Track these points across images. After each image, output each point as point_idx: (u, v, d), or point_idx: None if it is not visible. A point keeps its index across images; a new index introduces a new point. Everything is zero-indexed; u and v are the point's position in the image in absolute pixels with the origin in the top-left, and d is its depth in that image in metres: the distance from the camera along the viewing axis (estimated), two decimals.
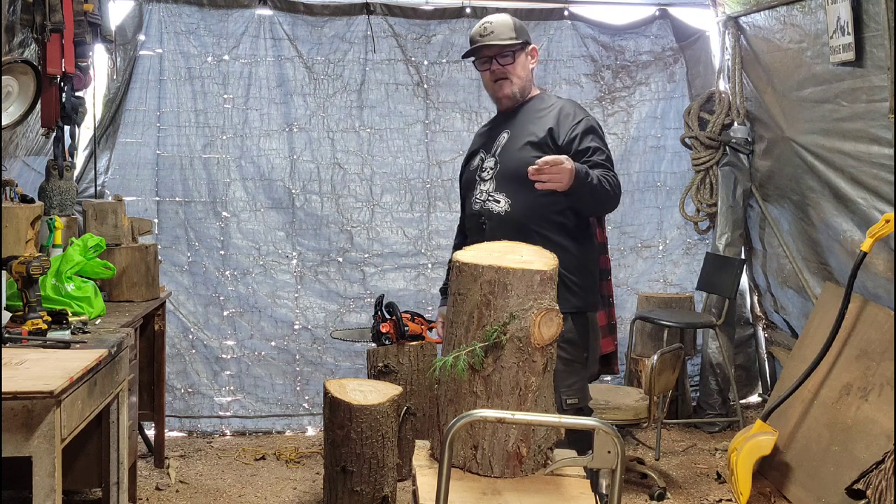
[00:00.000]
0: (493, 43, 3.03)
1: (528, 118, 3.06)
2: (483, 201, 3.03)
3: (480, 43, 3.06)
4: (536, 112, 3.07)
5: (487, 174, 3.05)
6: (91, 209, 4.10)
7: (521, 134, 3.03)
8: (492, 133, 3.16)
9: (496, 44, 3.03)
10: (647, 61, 5.53)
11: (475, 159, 3.15)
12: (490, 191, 3.02)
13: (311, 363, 5.34)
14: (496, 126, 3.17)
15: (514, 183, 2.96)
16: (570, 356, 2.93)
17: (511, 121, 3.10)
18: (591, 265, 3.08)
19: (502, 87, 3.08)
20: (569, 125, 2.97)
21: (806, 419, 4.06)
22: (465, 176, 3.23)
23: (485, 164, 3.07)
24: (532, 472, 2.40)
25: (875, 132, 3.92)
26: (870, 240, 3.74)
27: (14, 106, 3.60)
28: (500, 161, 3.03)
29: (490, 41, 3.04)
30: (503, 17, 3.10)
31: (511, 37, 3.04)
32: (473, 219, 3.09)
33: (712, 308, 5.36)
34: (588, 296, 3.03)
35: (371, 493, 3.71)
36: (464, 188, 3.23)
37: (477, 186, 3.08)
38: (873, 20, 3.77)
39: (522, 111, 3.10)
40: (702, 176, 5.44)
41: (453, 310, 2.45)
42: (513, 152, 3.01)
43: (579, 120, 2.98)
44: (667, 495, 4.23)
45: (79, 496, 3.99)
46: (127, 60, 5.02)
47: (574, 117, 2.99)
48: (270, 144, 5.29)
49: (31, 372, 2.49)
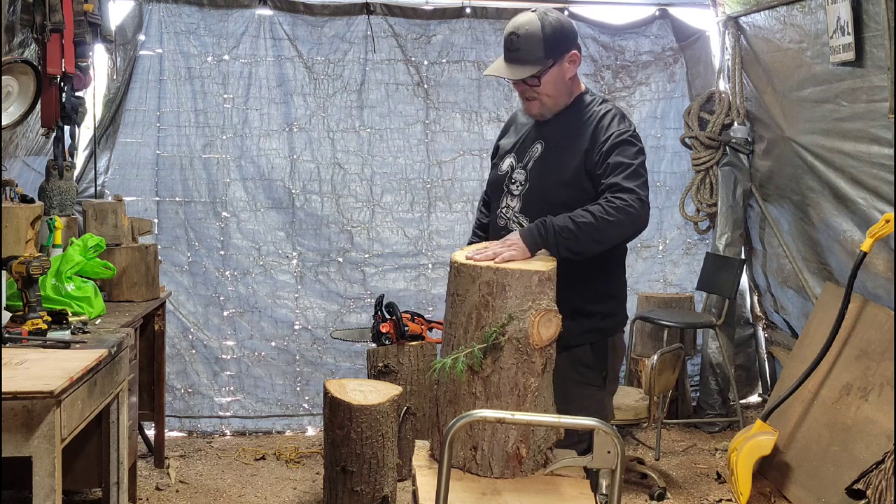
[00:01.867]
0: (510, 77, 2.78)
1: (565, 131, 2.80)
2: (508, 218, 2.84)
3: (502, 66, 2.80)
4: (574, 125, 2.79)
5: (516, 189, 2.84)
6: (91, 209, 4.10)
7: (555, 151, 2.80)
8: (525, 138, 2.90)
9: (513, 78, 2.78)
10: (647, 61, 5.53)
11: (504, 163, 2.91)
12: (516, 210, 2.83)
13: (311, 363, 5.34)
14: (531, 130, 2.90)
15: (539, 209, 2.73)
16: (586, 380, 2.79)
17: (546, 129, 2.85)
18: (617, 290, 2.90)
19: (531, 107, 2.84)
20: (598, 144, 2.70)
21: (806, 419, 4.06)
22: (493, 175, 2.99)
23: (514, 176, 2.85)
24: (532, 472, 2.40)
25: (875, 132, 3.92)
26: (870, 240, 3.73)
27: (14, 106, 3.60)
28: (530, 179, 2.81)
29: (514, 62, 2.76)
30: (534, 29, 2.71)
31: (538, 57, 2.72)
32: (497, 232, 2.87)
33: (712, 308, 5.36)
34: (610, 322, 2.85)
35: (371, 493, 3.71)
36: (490, 189, 3.02)
37: (504, 199, 2.87)
38: (873, 20, 3.77)
39: (558, 120, 2.84)
40: (702, 176, 5.44)
41: (452, 311, 2.45)
42: (544, 174, 2.79)
43: (609, 136, 2.69)
44: (667, 495, 4.23)
45: (79, 496, 3.99)
46: (127, 60, 5.02)
47: (606, 133, 2.70)
48: (270, 144, 5.29)
49: (31, 372, 2.49)
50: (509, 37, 2.75)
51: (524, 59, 2.73)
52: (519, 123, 2.99)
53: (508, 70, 2.77)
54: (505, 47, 2.78)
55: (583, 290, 2.47)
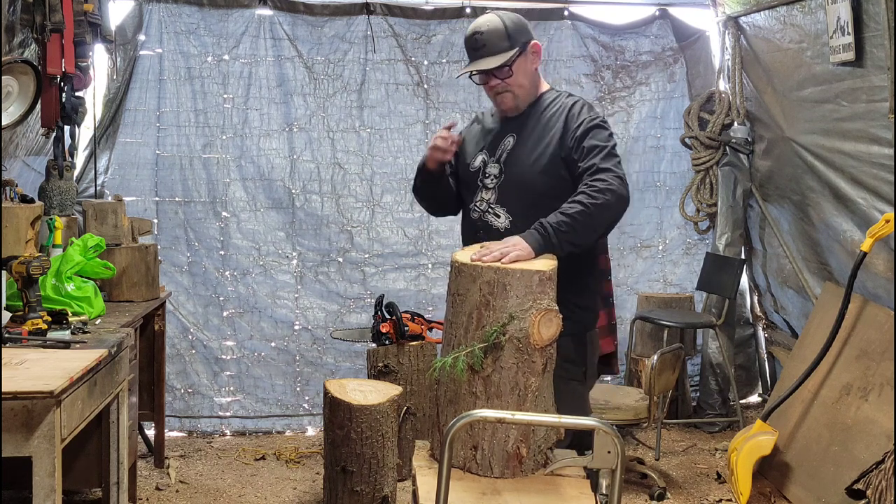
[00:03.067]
0: (484, 69, 2.86)
1: (536, 123, 2.90)
2: (483, 211, 2.89)
3: (473, 63, 2.88)
4: (544, 117, 2.90)
5: (490, 182, 2.89)
6: (91, 209, 4.10)
7: (527, 142, 2.88)
8: (496, 133, 2.98)
9: (488, 69, 2.85)
10: (647, 61, 5.53)
11: (476, 160, 2.97)
12: (491, 201, 2.87)
13: (311, 363, 5.34)
14: (500, 125, 2.99)
15: (516, 198, 2.82)
16: (570, 375, 2.82)
17: (516, 122, 2.94)
18: (592, 284, 2.96)
19: (504, 100, 2.92)
20: (570, 132, 2.80)
21: (806, 419, 4.06)
22: (462, 173, 3.03)
23: (488, 170, 2.91)
24: (532, 472, 2.40)
25: (875, 132, 3.92)
26: (870, 240, 3.73)
27: (14, 106, 3.60)
28: (505, 171, 2.87)
29: (483, 58, 2.84)
30: (494, 23, 2.85)
31: (504, 47, 2.83)
32: (472, 226, 2.95)
33: (712, 308, 5.36)
34: (587, 315, 2.91)
35: (371, 493, 3.71)
36: (461, 185, 3.05)
37: (478, 193, 2.92)
38: (873, 20, 3.77)
39: (528, 113, 2.94)
40: (702, 176, 5.44)
41: (452, 310, 2.45)
42: (519, 165, 2.86)
43: (580, 122, 2.81)
44: (667, 495, 4.23)
45: (79, 496, 3.99)
46: (127, 60, 5.02)
47: (577, 120, 2.82)
48: (270, 144, 5.29)
49: (31, 372, 2.49)
50: (473, 36, 2.88)
51: (493, 51, 2.84)
52: (485, 125, 3.08)
53: (482, 64, 2.86)
54: (470, 48, 2.90)
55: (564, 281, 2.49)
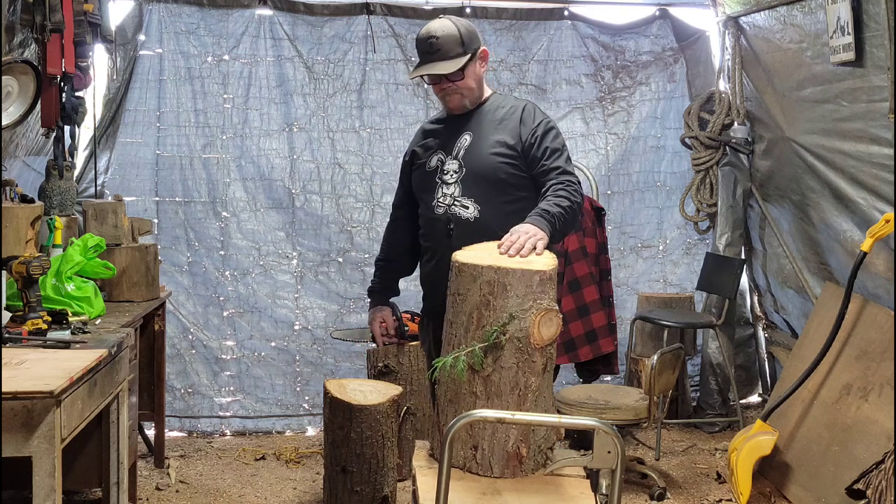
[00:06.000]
0: (439, 73, 2.97)
1: (490, 120, 3.04)
2: (448, 205, 2.99)
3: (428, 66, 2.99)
4: (497, 115, 3.05)
5: (451, 177, 3.01)
6: (91, 209, 4.10)
7: (485, 137, 3.01)
8: (449, 133, 3.10)
9: (444, 73, 2.97)
10: (647, 61, 5.53)
11: (432, 160, 3.09)
12: (456, 195, 2.99)
13: (311, 363, 5.34)
14: (452, 126, 3.11)
15: (482, 188, 2.95)
16: None
17: (470, 122, 3.07)
18: None
19: (453, 100, 3.06)
20: (529, 128, 2.98)
21: (806, 419, 4.06)
22: (418, 175, 3.15)
23: (446, 167, 3.03)
24: (532, 472, 2.40)
25: (875, 132, 3.92)
26: (870, 240, 3.74)
27: (14, 106, 3.60)
28: (466, 165, 2.99)
29: (438, 61, 2.97)
30: (449, 29, 2.98)
31: (458, 52, 2.97)
32: (437, 223, 3.03)
33: (712, 308, 5.36)
34: None
35: (371, 493, 3.71)
36: (418, 189, 3.16)
37: (438, 189, 3.03)
38: (873, 20, 3.77)
39: (480, 113, 3.07)
40: (702, 176, 5.44)
41: (453, 310, 2.45)
42: (480, 157, 2.98)
43: (538, 122, 2.99)
44: (667, 495, 4.23)
45: (79, 496, 3.99)
46: (127, 60, 5.02)
47: (534, 119, 3.00)
48: (270, 144, 5.29)
49: (31, 372, 2.49)
50: (428, 40, 2.98)
51: (447, 56, 2.97)
52: (433, 133, 3.19)
53: (437, 68, 2.99)
54: (424, 51, 3.02)
55: None
